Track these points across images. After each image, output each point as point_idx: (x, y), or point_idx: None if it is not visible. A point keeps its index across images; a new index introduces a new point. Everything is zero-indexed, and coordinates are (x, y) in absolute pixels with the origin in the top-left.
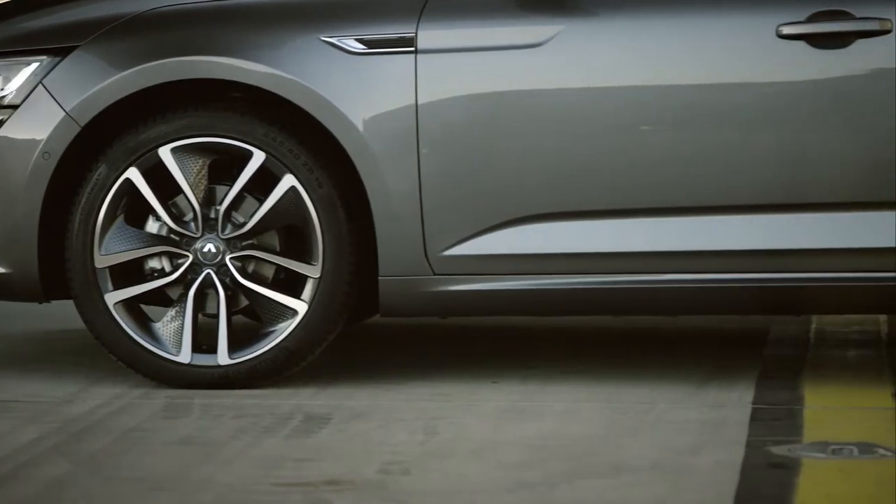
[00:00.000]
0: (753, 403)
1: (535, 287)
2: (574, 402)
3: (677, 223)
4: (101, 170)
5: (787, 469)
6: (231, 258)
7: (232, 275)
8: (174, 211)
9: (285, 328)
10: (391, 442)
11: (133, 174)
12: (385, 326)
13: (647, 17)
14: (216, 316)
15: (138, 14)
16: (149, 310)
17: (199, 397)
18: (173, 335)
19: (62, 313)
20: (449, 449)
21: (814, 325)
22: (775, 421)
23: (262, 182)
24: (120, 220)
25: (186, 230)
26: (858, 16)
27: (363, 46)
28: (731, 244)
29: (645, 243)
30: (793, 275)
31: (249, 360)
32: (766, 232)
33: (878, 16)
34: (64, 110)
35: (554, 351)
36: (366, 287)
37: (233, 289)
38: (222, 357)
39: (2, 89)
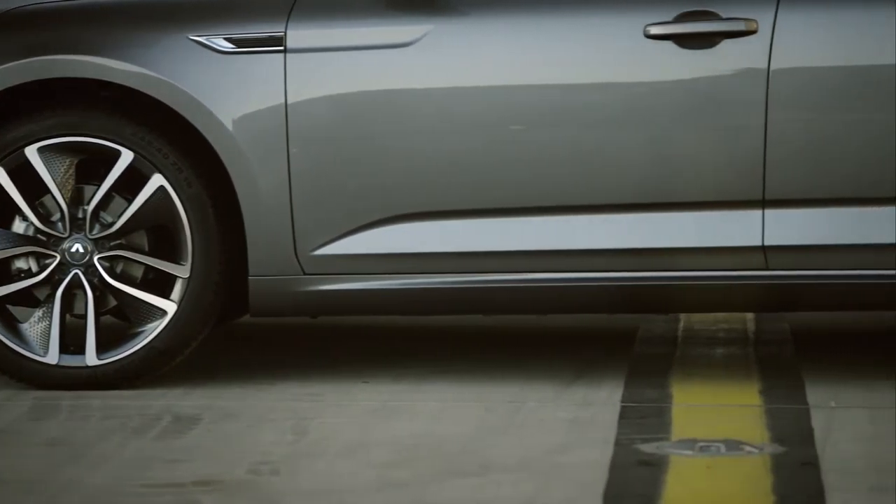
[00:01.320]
0: (622, 402)
1: (405, 286)
2: (444, 402)
3: (545, 223)
4: None
5: (655, 467)
6: (99, 258)
7: (100, 275)
8: (41, 211)
9: (154, 328)
10: (261, 442)
11: None
12: (255, 326)
13: (515, 18)
14: (84, 316)
15: (5, 12)
16: (15, 311)
17: (67, 398)
18: (40, 336)
19: None
20: (319, 449)
21: (682, 324)
22: (644, 419)
23: (132, 182)
24: None
25: (54, 230)
26: (725, 16)
27: (232, 45)
28: (598, 243)
29: (514, 243)
30: (660, 274)
31: (118, 360)
32: (634, 231)
33: (744, 16)
34: None
35: (425, 350)
36: (236, 287)
37: (101, 289)
38: (90, 358)
39: None
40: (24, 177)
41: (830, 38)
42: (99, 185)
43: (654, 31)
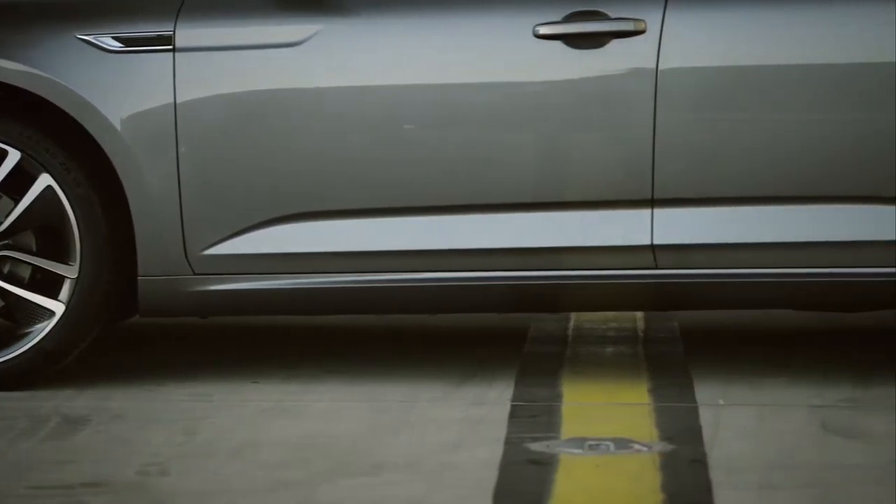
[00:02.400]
0: (512, 401)
1: (296, 286)
2: (336, 402)
3: (436, 222)
4: None
5: (545, 465)
6: None
7: None
8: None
9: (42, 329)
10: (150, 443)
11: None
12: (145, 327)
13: (405, 18)
14: None
15: None
16: None
17: None
18: None
19: None
20: (209, 449)
21: (572, 323)
22: (534, 418)
23: (20, 181)
24: None
25: None
26: (614, 16)
27: (120, 45)
28: (489, 243)
29: (404, 242)
30: (551, 273)
31: (5, 361)
32: (524, 230)
33: (633, 16)
34: None
35: (316, 350)
36: (126, 287)
37: None
38: None
39: None
40: None
41: (718, 38)
42: None
43: (543, 31)
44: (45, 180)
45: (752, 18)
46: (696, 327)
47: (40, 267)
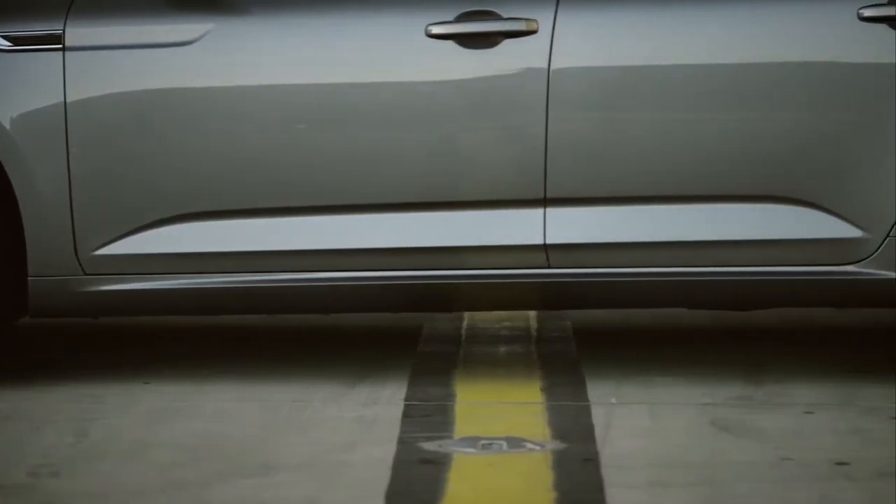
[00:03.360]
0: (406, 400)
1: (187, 286)
2: (228, 402)
3: (329, 222)
4: None
5: (438, 464)
6: None
7: None
8: None
9: None
10: (41, 444)
11: None
12: (36, 327)
13: (298, 17)
14: None
15: None
16: None
17: None
18: None
19: None
20: (101, 450)
21: (465, 322)
22: (427, 417)
23: None
24: None
25: None
26: (506, 16)
27: (9, 43)
28: (382, 242)
29: (298, 242)
30: (444, 272)
31: None
32: (417, 230)
33: (525, 16)
34: None
35: (208, 351)
36: (17, 287)
37: None
38: None
39: None
40: None
41: (610, 38)
42: None
43: (436, 30)
44: None
45: (644, 18)
46: (588, 326)
47: None
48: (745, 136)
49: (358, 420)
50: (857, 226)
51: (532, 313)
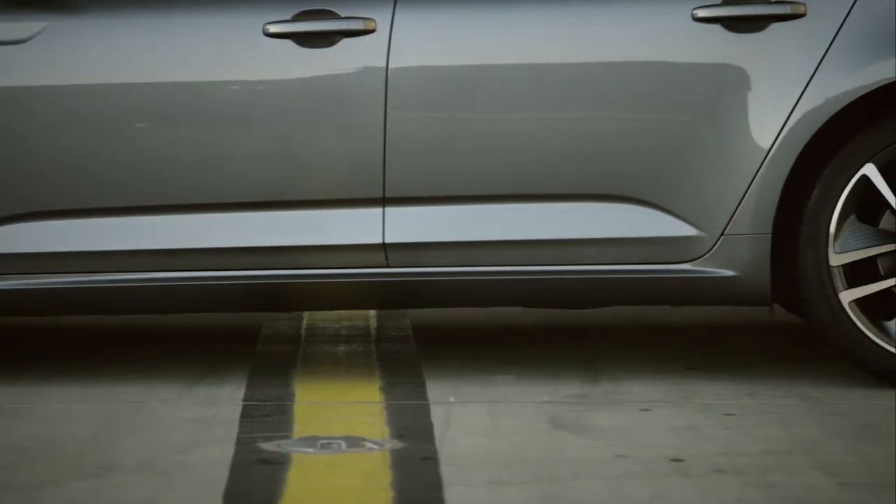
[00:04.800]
0: (244, 400)
1: (27, 287)
2: (65, 403)
3: (169, 221)
4: None
5: (276, 465)
6: None
7: None
8: None
9: None
10: None
11: None
12: None
13: (134, 16)
14: None
15: None
16: None
17: None
18: None
19: None
20: None
21: (305, 322)
22: (266, 417)
23: None
24: None
25: None
26: (344, 15)
27: None
28: (221, 242)
29: (138, 242)
30: (283, 272)
31: None
32: (256, 229)
33: (362, 15)
34: None
35: (46, 351)
36: None
37: None
38: None
39: None
40: None
41: (448, 37)
42: None
43: (273, 29)
44: None
45: (482, 18)
46: (428, 325)
47: None
48: (581, 136)
49: (196, 420)
50: (692, 224)
51: (372, 312)
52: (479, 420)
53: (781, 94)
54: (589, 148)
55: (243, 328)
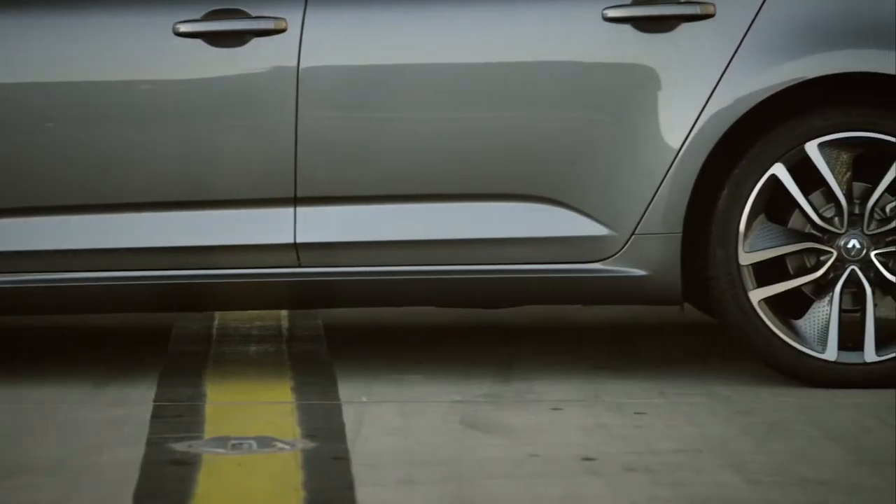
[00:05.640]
0: (155, 401)
1: None
2: None
3: (80, 221)
4: None
5: (187, 465)
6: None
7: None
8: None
9: None
10: None
11: None
12: None
13: (46, 16)
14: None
15: None
16: None
17: None
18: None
19: None
20: None
21: (216, 322)
22: (177, 418)
23: None
24: None
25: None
26: (254, 14)
27: None
28: (133, 242)
29: (48, 242)
30: (195, 272)
31: None
32: (168, 229)
33: (273, 15)
34: None
35: None
36: None
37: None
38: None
39: None
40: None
41: (359, 37)
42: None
43: (184, 28)
44: None
45: (394, 18)
46: (340, 325)
47: None
48: (492, 136)
49: (107, 421)
50: (603, 224)
51: (284, 312)
52: (391, 420)
53: (691, 94)
54: (500, 148)
55: (154, 328)
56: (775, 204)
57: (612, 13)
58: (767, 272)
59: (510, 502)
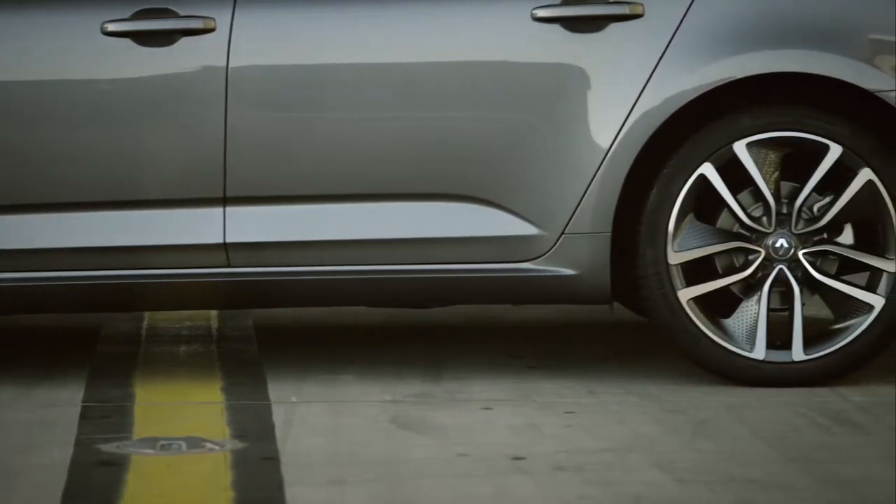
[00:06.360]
0: (83, 402)
1: None
2: None
3: (6, 221)
4: None
5: (116, 466)
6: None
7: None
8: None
9: None
10: None
11: None
12: None
13: None
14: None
15: None
16: None
17: None
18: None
19: None
20: None
21: (146, 322)
22: (105, 418)
23: None
24: None
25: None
26: (183, 14)
27: None
28: (61, 242)
29: None
30: (124, 272)
31: None
32: (97, 229)
33: (202, 14)
34: None
35: None
36: None
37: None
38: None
39: None
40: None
41: (288, 37)
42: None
43: (112, 28)
44: None
45: (323, 18)
46: (270, 325)
47: None
48: (422, 136)
49: (35, 422)
50: (533, 223)
51: (214, 312)
52: (321, 420)
53: (620, 93)
54: (430, 148)
55: (83, 329)
56: (704, 203)
57: (541, 13)
58: (696, 271)
59: (440, 502)
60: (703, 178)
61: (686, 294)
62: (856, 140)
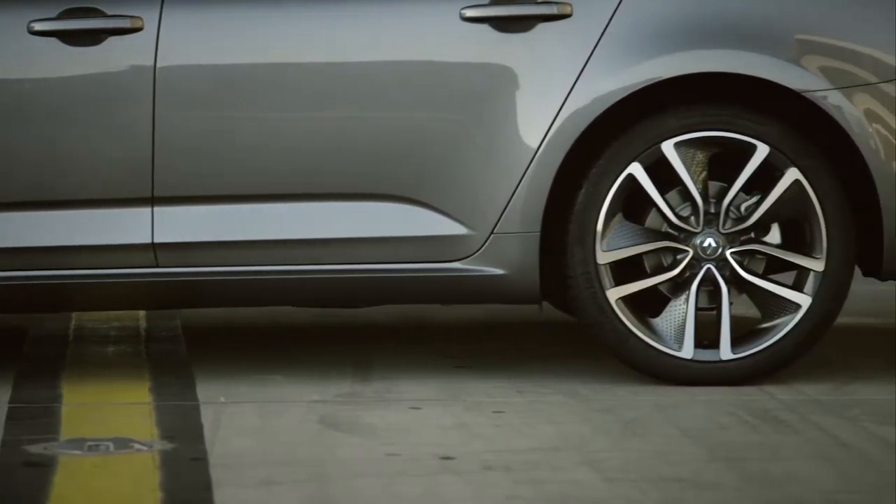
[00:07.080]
0: (10, 403)
1: None
2: None
3: None
4: None
5: (43, 467)
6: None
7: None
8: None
9: None
10: None
11: None
12: None
13: None
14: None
15: None
16: None
17: None
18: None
19: None
20: None
21: (73, 323)
22: (32, 419)
23: None
24: None
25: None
26: (110, 13)
27: None
28: None
29: None
30: (52, 273)
31: None
32: (23, 230)
33: (130, 14)
34: None
35: None
36: None
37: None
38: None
39: None
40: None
41: (217, 37)
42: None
43: (38, 27)
44: None
45: (251, 17)
46: (198, 325)
47: None
48: (351, 135)
49: None
50: (462, 223)
51: (142, 313)
52: (250, 420)
53: (549, 93)
54: (358, 147)
55: (9, 329)
56: (633, 203)
57: (470, 13)
58: (625, 271)
59: (370, 502)
60: (631, 177)
61: (615, 293)
62: (783, 140)
